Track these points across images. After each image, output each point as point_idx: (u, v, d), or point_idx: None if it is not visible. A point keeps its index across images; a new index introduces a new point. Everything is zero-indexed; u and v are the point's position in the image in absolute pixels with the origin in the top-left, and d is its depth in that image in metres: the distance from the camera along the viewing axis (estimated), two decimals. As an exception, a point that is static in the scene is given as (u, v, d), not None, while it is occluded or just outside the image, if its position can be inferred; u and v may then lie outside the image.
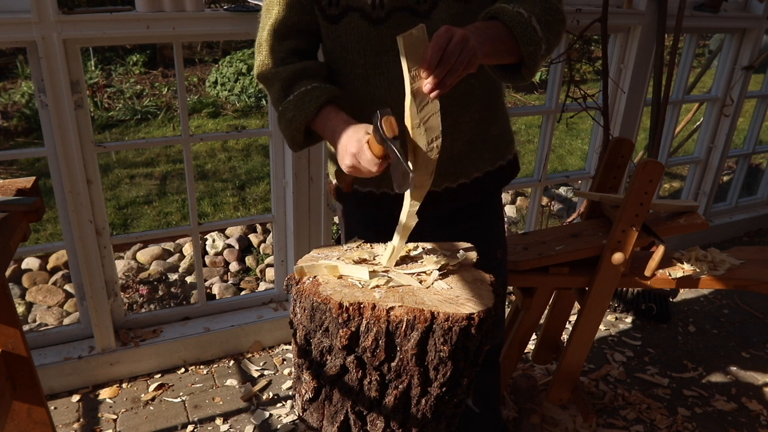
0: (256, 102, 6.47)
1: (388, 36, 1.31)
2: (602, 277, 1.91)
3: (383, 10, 1.29)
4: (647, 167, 1.75)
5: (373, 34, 1.32)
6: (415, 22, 1.25)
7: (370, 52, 1.35)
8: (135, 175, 4.82)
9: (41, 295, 3.20)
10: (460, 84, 1.28)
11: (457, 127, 1.40)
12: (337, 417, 1.17)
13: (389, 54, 1.32)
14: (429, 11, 1.29)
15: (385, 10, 1.29)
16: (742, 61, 3.22)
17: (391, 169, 1.14)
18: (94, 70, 6.89)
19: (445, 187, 1.47)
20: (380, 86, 1.37)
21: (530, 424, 2.20)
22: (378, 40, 1.33)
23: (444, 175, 1.44)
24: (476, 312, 1.07)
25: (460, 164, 1.46)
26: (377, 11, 1.30)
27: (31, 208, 1.27)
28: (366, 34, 1.33)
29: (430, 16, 1.29)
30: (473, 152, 1.46)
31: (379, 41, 1.33)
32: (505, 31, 1.17)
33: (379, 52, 1.34)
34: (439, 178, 1.43)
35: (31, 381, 1.38)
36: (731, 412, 2.36)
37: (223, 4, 2.52)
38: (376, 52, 1.34)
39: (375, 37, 1.32)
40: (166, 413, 2.24)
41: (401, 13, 1.29)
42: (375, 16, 1.30)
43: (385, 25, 1.30)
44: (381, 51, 1.34)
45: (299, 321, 1.16)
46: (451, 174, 1.46)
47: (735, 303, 3.12)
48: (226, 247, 3.65)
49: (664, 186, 4.50)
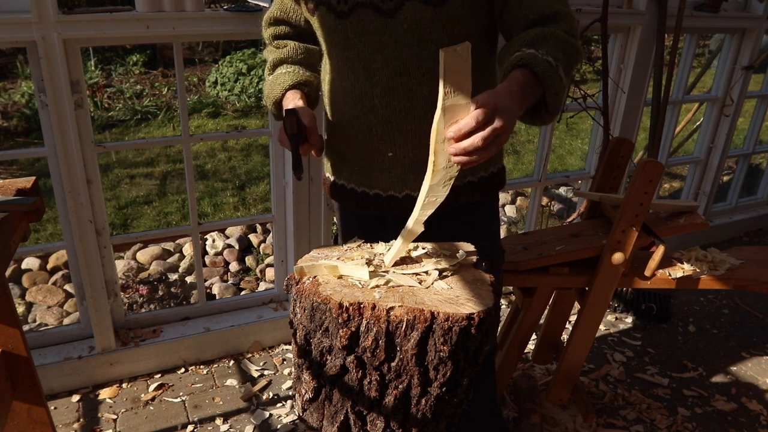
0: (256, 102, 6.47)
1: (352, 31, 1.30)
2: (602, 277, 1.91)
3: (347, 5, 1.29)
4: (647, 167, 1.75)
5: (338, 29, 1.32)
6: (379, 20, 1.27)
7: (339, 46, 1.35)
8: (135, 175, 4.82)
9: (41, 295, 3.20)
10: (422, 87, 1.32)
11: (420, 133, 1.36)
12: (337, 417, 1.17)
13: (354, 49, 1.32)
14: (394, 11, 1.26)
15: (348, 5, 1.29)
16: (742, 61, 3.22)
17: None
18: (94, 70, 6.89)
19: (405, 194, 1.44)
20: (348, 80, 1.37)
21: (530, 424, 2.20)
22: (343, 34, 1.32)
23: (407, 181, 1.42)
24: (476, 312, 1.07)
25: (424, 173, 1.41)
26: (341, 5, 1.29)
27: (31, 208, 1.27)
28: (333, 28, 1.33)
29: (395, 15, 1.26)
30: None
31: (344, 36, 1.32)
32: (535, 81, 1.15)
33: (346, 46, 1.34)
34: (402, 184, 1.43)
35: (31, 381, 1.38)
36: (731, 412, 2.36)
37: (223, 4, 2.53)
38: (343, 46, 1.34)
39: (341, 31, 1.32)
40: (166, 413, 2.24)
41: (364, 10, 1.27)
42: (339, 10, 1.30)
43: (349, 20, 1.30)
44: (347, 46, 1.33)
45: (299, 321, 1.16)
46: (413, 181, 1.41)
47: (735, 303, 3.12)
48: (226, 247, 3.65)
49: (664, 186, 4.50)
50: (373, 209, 1.49)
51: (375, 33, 1.29)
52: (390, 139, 1.38)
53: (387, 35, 1.28)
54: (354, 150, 1.45)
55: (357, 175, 1.48)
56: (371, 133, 1.39)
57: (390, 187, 1.45)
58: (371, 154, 1.42)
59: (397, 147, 1.39)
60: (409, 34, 1.27)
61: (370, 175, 1.45)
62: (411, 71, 1.30)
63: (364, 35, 1.30)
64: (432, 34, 1.27)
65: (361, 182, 1.48)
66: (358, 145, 1.43)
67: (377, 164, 1.43)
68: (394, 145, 1.39)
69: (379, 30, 1.28)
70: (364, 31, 1.29)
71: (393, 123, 1.36)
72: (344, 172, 1.51)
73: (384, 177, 1.44)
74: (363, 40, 1.30)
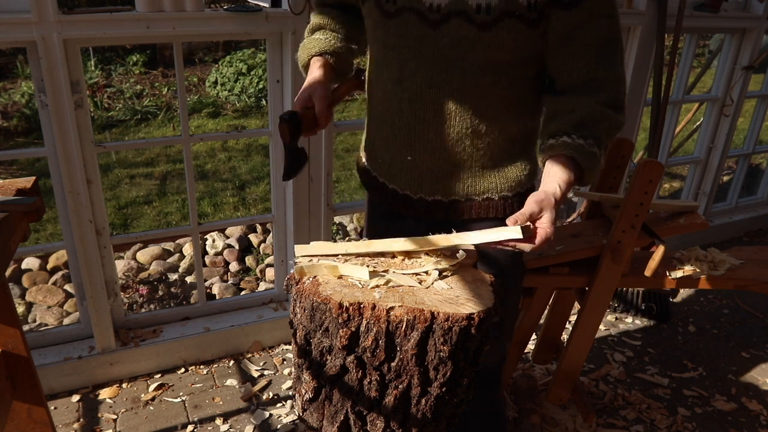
0: (256, 102, 6.47)
1: (394, 33, 1.30)
2: (602, 277, 1.91)
3: (394, 5, 1.28)
4: (647, 167, 1.75)
5: (382, 26, 1.32)
6: (422, 29, 1.27)
7: (379, 42, 1.36)
8: (135, 175, 4.82)
9: (41, 295, 3.20)
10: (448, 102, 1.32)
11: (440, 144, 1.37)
12: (337, 417, 1.17)
13: (392, 51, 1.32)
14: (438, 23, 1.25)
15: (396, 6, 1.28)
16: (742, 61, 3.22)
17: None
18: (94, 70, 6.89)
19: (420, 197, 1.46)
20: (382, 77, 1.38)
21: (530, 424, 2.20)
22: (385, 33, 1.32)
23: (422, 186, 1.44)
24: (476, 312, 1.07)
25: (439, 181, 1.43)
26: (389, 5, 1.29)
27: (31, 208, 1.27)
28: (378, 24, 1.33)
29: (439, 28, 1.25)
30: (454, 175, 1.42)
31: (385, 34, 1.32)
32: (579, 168, 1.24)
33: (385, 45, 1.34)
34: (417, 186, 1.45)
35: (31, 381, 1.38)
36: (731, 412, 2.36)
37: (223, 4, 2.53)
38: (383, 44, 1.34)
39: (383, 29, 1.32)
40: (166, 413, 2.24)
41: (410, 15, 1.27)
42: (386, 9, 1.29)
43: (393, 21, 1.29)
44: (386, 45, 1.33)
45: (299, 321, 1.16)
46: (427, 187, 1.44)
47: (735, 303, 3.12)
48: (226, 247, 3.65)
49: (664, 186, 4.50)
50: (390, 203, 1.52)
51: (415, 40, 1.28)
52: (410, 144, 1.40)
53: (426, 45, 1.27)
54: (380, 142, 1.48)
55: (380, 167, 1.51)
56: (395, 134, 1.41)
57: (406, 187, 1.47)
58: (393, 153, 1.45)
59: (416, 153, 1.40)
60: (448, 49, 1.26)
61: (391, 171, 1.48)
62: (441, 85, 1.30)
63: (405, 40, 1.29)
64: (471, 55, 1.26)
65: (383, 174, 1.51)
66: (384, 140, 1.45)
67: (398, 163, 1.45)
68: (413, 151, 1.40)
69: (419, 38, 1.27)
70: (405, 36, 1.29)
71: (415, 130, 1.37)
72: (371, 157, 1.55)
73: (402, 176, 1.46)
74: (402, 43, 1.30)
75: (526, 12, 1.22)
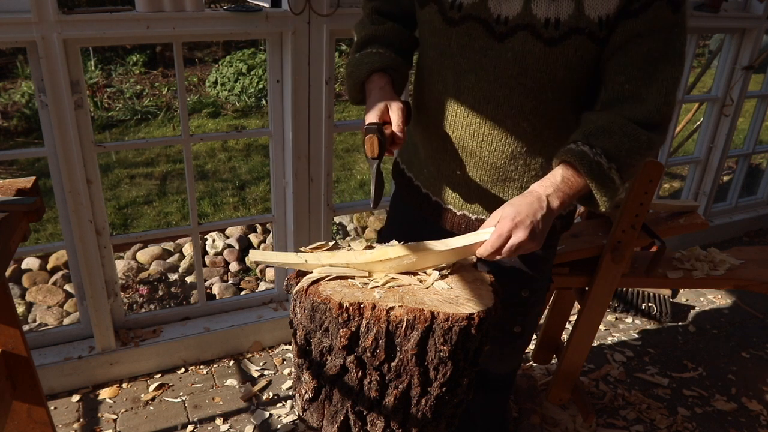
0: (256, 102, 6.47)
1: (455, 42, 1.26)
2: (602, 277, 1.91)
3: (459, 12, 1.23)
4: (647, 167, 1.75)
5: (443, 33, 1.27)
6: (486, 40, 1.21)
7: (437, 49, 1.31)
8: (135, 175, 4.82)
9: (41, 295, 3.20)
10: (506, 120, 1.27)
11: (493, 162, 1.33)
12: (337, 417, 1.17)
13: (451, 59, 1.27)
14: (504, 35, 1.20)
15: (460, 14, 1.23)
16: (742, 61, 3.22)
17: None
18: (94, 70, 6.89)
19: (462, 214, 1.43)
20: (437, 89, 1.33)
21: (530, 424, 2.20)
22: (446, 40, 1.27)
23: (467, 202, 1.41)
24: (476, 312, 1.07)
25: (486, 199, 1.40)
26: (453, 12, 1.24)
27: (31, 208, 1.27)
28: (438, 31, 1.28)
29: (504, 40, 1.20)
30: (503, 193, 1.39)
31: (446, 42, 1.27)
32: (582, 182, 1.16)
33: (444, 53, 1.29)
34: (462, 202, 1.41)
35: (31, 381, 1.38)
36: (731, 412, 2.36)
37: (223, 4, 2.53)
38: (442, 52, 1.29)
39: (444, 36, 1.27)
40: (166, 413, 2.24)
41: (475, 24, 1.22)
42: (450, 16, 1.25)
43: (456, 29, 1.25)
44: (446, 53, 1.29)
45: (299, 321, 1.16)
46: (473, 205, 1.42)
47: (735, 303, 3.12)
48: (226, 247, 3.65)
49: (664, 186, 4.50)
50: (429, 215, 1.48)
51: (478, 51, 1.24)
52: (461, 159, 1.36)
53: (489, 58, 1.23)
54: (427, 153, 1.43)
55: (425, 177, 1.46)
56: (445, 147, 1.36)
57: (451, 202, 1.43)
58: (441, 165, 1.40)
59: (467, 168, 1.36)
60: (511, 64, 1.22)
61: (435, 184, 1.44)
62: (499, 101, 1.26)
63: (467, 50, 1.25)
64: (535, 71, 1.21)
65: (427, 185, 1.46)
66: (432, 151, 1.40)
67: (444, 177, 1.41)
68: (463, 165, 1.36)
69: (482, 50, 1.23)
70: (467, 46, 1.24)
71: (467, 145, 1.33)
72: (414, 166, 1.50)
73: (447, 191, 1.43)
74: (463, 53, 1.25)
75: (596, 29, 1.16)
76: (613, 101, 1.20)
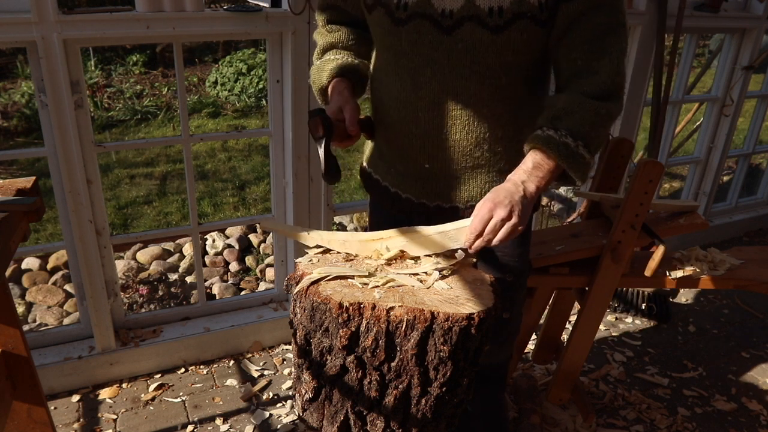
0: (256, 102, 6.47)
1: (406, 40, 1.29)
2: (602, 277, 1.91)
3: (405, 12, 1.27)
4: (647, 167, 1.75)
5: (393, 33, 1.31)
6: (435, 35, 1.27)
7: (390, 50, 1.35)
8: (135, 175, 4.82)
9: (41, 295, 3.20)
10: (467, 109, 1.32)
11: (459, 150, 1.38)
12: (337, 417, 1.17)
13: (405, 58, 1.31)
14: (452, 28, 1.25)
15: (407, 13, 1.27)
16: (742, 61, 3.22)
17: None
18: (94, 70, 6.89)
19: (436, 205, 1.47)
20: (395, 86, 1.37)
21: (530, 424, 2.20)
22: (396, 40, 1.31)
23: (439, 194, 1.45)
24: (476, 312, 1.07)
25: (457, 188, 1.44)
26: (400, 12, 1.28)
27: (31, 208, 1.27)
28: (388, 32, 1.32)
29: (452, 33, 1.25)
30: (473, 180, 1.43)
31: (397, 42, 1.31)
32: (554, 164, 1.22)
33: (397, 53, 1.33)
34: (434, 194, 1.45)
35: (31, 381, 1.38)
36: (731, 412, 2.36)
37: (223, 4, 2.53)
38: (395, 52, 1.33)
39: (395, 36, 1.31)
40: (166, 413, 2.24)
41: (422, 21, 1.26)
42: (397, 16, 1.29)
43: (405, 28, 1.28)
44: (398, 53, 1.33)
45: (299, 321, 1.16)
46: (446, 195, 1.45)
47: (735, 303, 3.12)
48: (226, 247, 3.65)
49: (664, 186, 4.50)
50: (403, 212, 1.51)
51: (429, 47, 1.28)
52: (428, 152, 1.39)
53: (440, 51, 1.27)
54: (392, 153, 1.46)
55: (392, 177, 1.50)
56: (411, 143, 1.40)
57: (422, 195, 1.46)
58: (408, 162, 1.43)
59: (435, 160, 1.40)
60: (462, 54, 1.26)
61: (405, 181, 1.47)
62: (458, 91, 1.30)
63: (418, 47, 1.29)
64: (485, 58, 1.26)
65: (395, 184, 1.50)
66: (397, 150, 1.44)
67: (413, 172, 1.44)
68: (431, 158, 1.40)
69: (433, 45, 1.27)
70: (418, 43, 1.28)
71: (433, 137, 1.37)
72: (380, 168, 1.53)
73: (418, 186, 1.46)
74: (415, 51, 1.30)
75: (537, 12, 1.22)
76: (570, 78, 1.27)
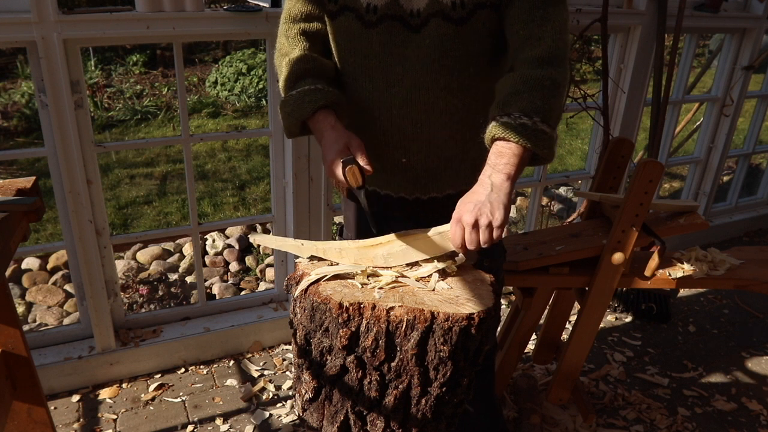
0: (256, 102, 6.47)
1: (377, 42, 1.34)
2: (602, 277, 1.91)
3: (375, 15, 1.32)
4: (647, 167, 1.75)
5: (363, 37, 1.35)
6: (404, 34, 1.32)
7: (359, 53, 1.38)
8: (135, 175, 4.82)
9: (41, 295, 3.20)
10: (438, 101, 1.36)
11: (434, 142, 1.42)
12: (337, 417, 1.17)
13: (376, 59, 1.36)
14: (420, 26, 1.31)
15: (377, 16, 1.32)
16: (742, 61, 3.22)
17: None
18: (94, 70, 6.89)
19: (415, 197, 1.49)
20: (365, 88, 1.40)
21: (530, 424, 2.20)
22: (367, 43, 1.35)
23: (417, 185, 1.47)
24: (476, 312, 1.07)
25: (435, 178, 1.47)
26: (370, 15, 1.32)
27: (31, 208, 1.27)
28: (357, 35, 1.36)
29: (420, 31, 1.31)
30: (449, 169, 1.47)
31: (367, 45, 1.35)
32: (516, 147, 1.20)
33: (367, 55, 1.37)
34: (412, 187, 1.48)
35: (31, 381, 1.38)
36: (731, 412, 2.36)
37: (223, 4, 2.52)
38: (365, 54, 1.37)
39: (365, 39, 1.35)
40: (166, 413, 2.24)
41: (392, 22, 1.32)
42: (367, 20, 1.33)
43: (375, 30, 1.33)
44: (369, 55, 1.36)
45: (299, 321, 1.16)
46: (423, 186, 1.48)
47: (735, 303, 3.12)
48: (226, 247, 3.65)
49: (664, 186, 4.50)
50: (382, 208, 1.52)
51: (399, 46, 1.33)
52: (404, 147, 1.43)
53: (410, 49, 1.32)
54: (369, 151, 1.45)
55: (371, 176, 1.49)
56: (386, 140, 1.43)
57: (401, 189, 1.49)
58: (384, 159, 1.46)
59: (411, 154, 1.43)
60: (431, 49, 1.31)
61: (382, 177, 1.49)
62: (429, 85, 1.34)
63: (389, 46, 1.33)
64: (453, 50, 1.31)
65: (372, 182, 1.51)
66: (374, 148, 1.45)
67: (390, 168, 1.47)
68: (408, 152, 1.43)
69: (403, 43, 1.32)
70: (389, 43, 1.33)
71: (408, 132, 1.40)
72: None
73: (396, 180, 1.48)
74: (386, 51, 1.34)
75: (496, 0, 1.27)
76: (517, 50, 1.29)
